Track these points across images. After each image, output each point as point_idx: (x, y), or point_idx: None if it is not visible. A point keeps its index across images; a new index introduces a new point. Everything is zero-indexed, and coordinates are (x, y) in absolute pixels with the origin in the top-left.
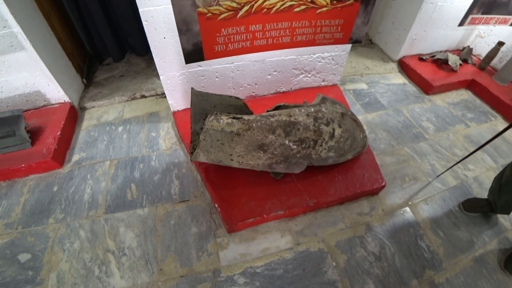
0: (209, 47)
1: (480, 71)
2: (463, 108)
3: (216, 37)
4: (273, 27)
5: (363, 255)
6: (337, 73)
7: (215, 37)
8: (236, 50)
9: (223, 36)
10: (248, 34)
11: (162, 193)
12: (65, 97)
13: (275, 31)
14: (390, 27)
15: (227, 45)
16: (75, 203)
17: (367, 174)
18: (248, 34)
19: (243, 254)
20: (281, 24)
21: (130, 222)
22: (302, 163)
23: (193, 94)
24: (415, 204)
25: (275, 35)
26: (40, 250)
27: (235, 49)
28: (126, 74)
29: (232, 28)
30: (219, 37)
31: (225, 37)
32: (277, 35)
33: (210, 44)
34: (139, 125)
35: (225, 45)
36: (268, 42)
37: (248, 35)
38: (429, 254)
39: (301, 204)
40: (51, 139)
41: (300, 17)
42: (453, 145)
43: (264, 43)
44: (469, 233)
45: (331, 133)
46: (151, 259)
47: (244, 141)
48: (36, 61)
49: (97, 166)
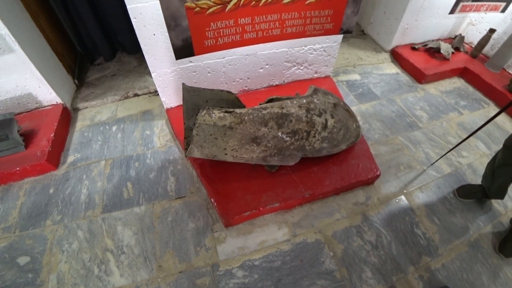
0: (199, 42)
1: (472, 59)
2: (456, 96)
3: (206, 31)
4: (263, 20)
5: (360, 244)
6: (329, 64)
7: (205, 31)
8: (226, 44)
9: (213, 30)
10: (237, 27)
11: (159, 190)
12: (57, 98)
13: (264, 23)
14: (382, 17)
15: (217, 40)
16: (72, 204)
17: (361, 164)
18: (237, 28)
19: (240, 248)
20: (270, 17)
21: (128, 221)
22: (296, 155)
23: (185, 90)
24: (410, 192)
25: (265, 27)
26: (39, 252)
27: (225, 43)
28: (118, 73)
29: (221, 22)
30: (209, 31)
31: (215, 31)
32: (267, 28)
33: (199, 39)
34: (133, 124)
35: (215, 39)
36: (258, 35)
37: (238, 29)
38: (425, 241)
39: (297, 196)
40: (45, 141)
41: (289, 8)
42: (446, 133)
43: (254, 36)
44: (464, 219)
45: (324, 124)
46: (150, 256)
47: (237, 135)
48: (25, 63)
49: (93, 167)
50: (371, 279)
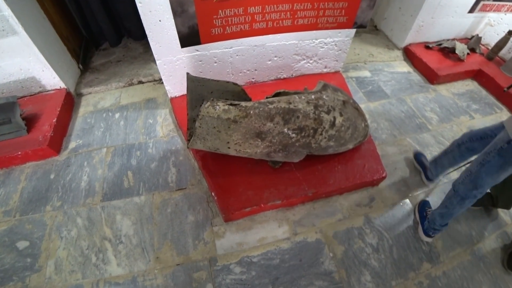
0: (206, 30)
1: (488, 61)
2: (468, 99)
3: (213, 19)
4: (273, 10)
5: (361, 246)
6: (339, 59)
7: (212, 19)
8: (234, 33)
9: (220, 18)
10: (247, 16)
11: (159, 180)
12: (60, 83)
13: (275, 13)
14: (397, 13)
15: (224, 28)
16: (72, 190)
17: (367, 164)
18: (247, 17)
19: (239, 243)
20: (281, 6)
21: (127, 210)
22: (301, 152)
23: (189, 80)
24: (415, 196)
25: (275, 18)
26: (38, 238)
27: (233, 32)
28: (123, 59)
29: (229, 10)
30: (216, 19)
31: (223, 20)
32: (277, 18)
33: (206, 27)
34: (136, 112)
35: (223, 28)
36: (268, 25)
37: (247, 18)
38: (427, 247)
39: (299, 194)
40: (47, 126)
41: None
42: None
43: (264, 26)
44: (468, 226)
45: (332, 122)
46: (148, 247)
47: (241, 129)
48: (29, 46)
49: (94, 154)
50: (370, 283)
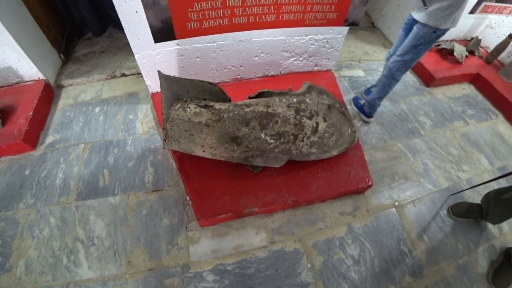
0: (181, 24)
1: (486, 65)
2: (464, 104)
3: (188, 12)
4: (255, 3)
5: (341, 257)
6: (331, 57)
7: (187, 12)
8: (212, 28)
9: (196, 11)
10: (225, 10)
11: (136, 180)
12: (39, 73)
13: (257, 7)
14: (395, 10)
15: (201, 22)
16: (47, 188)
17: (353, 171)
18: (225, 10)
19: (214, 250)
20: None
21: (101, 211)
22: (282, 158)
23: (161, 78)
24: (402, 205)
25: (257, 12)
26: (10, 236)
27: (211, 27)
28: (107, 49)
29: (206, 2)
30: (192, 13)
31: (199, 13)
32: (259, 13)
33: (181, 21)
34: (117, 106)
35: (199, 22)
36: (250, 20)
37: (226, 11)
38: (411, 259)
39: (279, 201)
40: (23, 120)
41: None
42: (449, 143)
43: (245, 21)
44: (455, 239)
45: (315, 128)
46: (120, 250)
47: (215, 133)
48: (3, 34)
49: (71, 150)
50: None
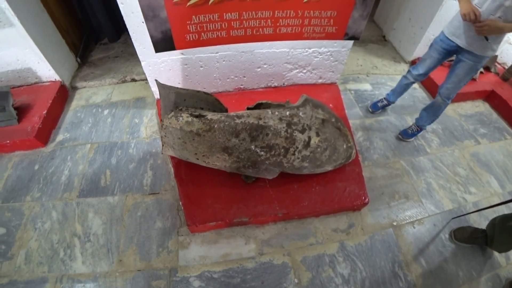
0: (180, 35)
1: (503, 82)
2: (476, 122)
3: (187, 25)
4: (252, 16)
5: (330, 275)
6: (336, 70)
7: (186, 25)
8: (210, 40)
9: (195, 24)
10: (223, 23)
11: (135, 182)
12: (55, 75)
13: (254, 20)
14: (406, 24)
15: (199, 34)
16: (52, 183)
17: (349, 188)
18: (223, 23)
19: (202, 257)
20: (261, 13)
21: (100, 209)
22: (274, 170)
23: (159, 86)
24: (400, 226)
25: (254, 25)
26: (14, 226)
27: (209, 39)
28: (120, 55)
29: (204, 15)
30: (190, 25)
31: (197, 25)
32: (257, 26)
33: (180, 33)
34: (125, 110)
35: (198, 34)
36: (247, 32)
37: (223, 24)
38: (405, 283)
39: (269, 213)
40: (37, 118)
41: (284, 6)
42: (456, 163)
43: (242, 33)
44: (455, 265)
45: (306, 142)
46: (113, 248)
47: (206, 142)
48: (25, 38)
49: (78, 149)
50: None
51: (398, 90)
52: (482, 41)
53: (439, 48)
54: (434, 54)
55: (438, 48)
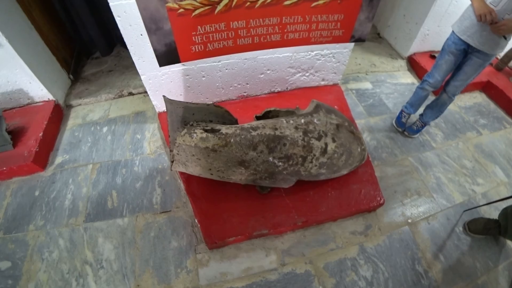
0: (185, 47)
1: (497, 72)
2: (475, 113)
3: (192, 36)
4: (259, 24)
5: (354, 279)
6: (338, 72)
7: (191, 36)
8: (216, 50)
9: (200, 34)
10: (229, 32)
11: (144, 201)
12: (49, 95)
13: (261, 28)
14: (401, 21)
15: (205, 45)
16: (56, 209)
17: (364, 190)
18: (229, 32)
19: (223, 273)
20: (268, 20)
21: (109, 233)
22: (290, 179)
23: (167, 102)
24: (415, 222)
25: (262, 32)
26: (19, 258)
27: (216, 49)
28: (114, 69)
29: (210, 25)
30: (196, 36)
31: (203, 36)
32: (264, 33)
33: (185, 44)
34: (125, 126)
35: (204, 44)
36: (254, 40)
37: (230, 33)
38: (427, 280)
39: (288, 223)
40: (33, 141)
41: (291, 11)
42: (462, 156)
43: (250, 42)
44: (472, 257)
45: (323, 149)
46: (129, 273)
47: (222, 157)
48: (14, 58)
49: (79, 170)
50: None
51: (417, 103)
52: (495, 40)
53: (454, 50)
54: (449, 57)
55: (453, 50)
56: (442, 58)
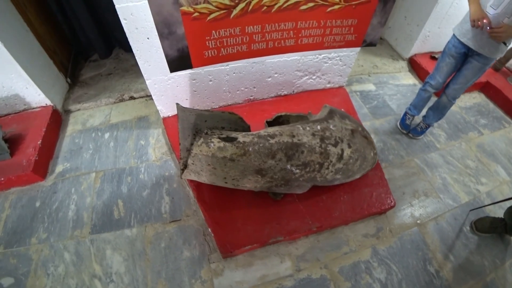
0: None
1: (495, 72)
2: (476, 113)
3: (206, 41)
4: (275, 28)
5: (368, 282)
6: (344, 74)
7: (205, 41)
8: (230, 55)
9: (214, 39)
10: (244, 36)
11: (152, 211)
12: (46, 100)
13: (276, 33)
14: (402, 22)
15: (219, 50)
16: (59, 221)
17: (375, 193)
18: (244, 37)
19: (239, 282)
20: (284, 25)
21: (118, 244)
22: (306, 185)
23: (179, 110)
24: (424, 223)
25: (276, 37)
26: (23, 274)
27: (229, 54)
28: (114, 72)
29: (224, 30)
30: (209, 40)
31: (217, 41)
32: (279, 38)
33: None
34: (127, 131)
35: (217, 49)
36: (269, 45)
37: (245, 38)
38: (438, 280)
39: (303, 229)
40: (32, 149)
41: (307, 16)
42: (465, 156)
43: (264, 46)
44: (480, 256)
45: (340, 155)
46: (141, 286)
47: (239, 166)
48: (10, 62)
49: (82, 179)
50: None
51: (420, 104)
52: (495, 44)
53: (454, 53)
54: (450, 60)
55: (453, 53)
56: (443, 61)
